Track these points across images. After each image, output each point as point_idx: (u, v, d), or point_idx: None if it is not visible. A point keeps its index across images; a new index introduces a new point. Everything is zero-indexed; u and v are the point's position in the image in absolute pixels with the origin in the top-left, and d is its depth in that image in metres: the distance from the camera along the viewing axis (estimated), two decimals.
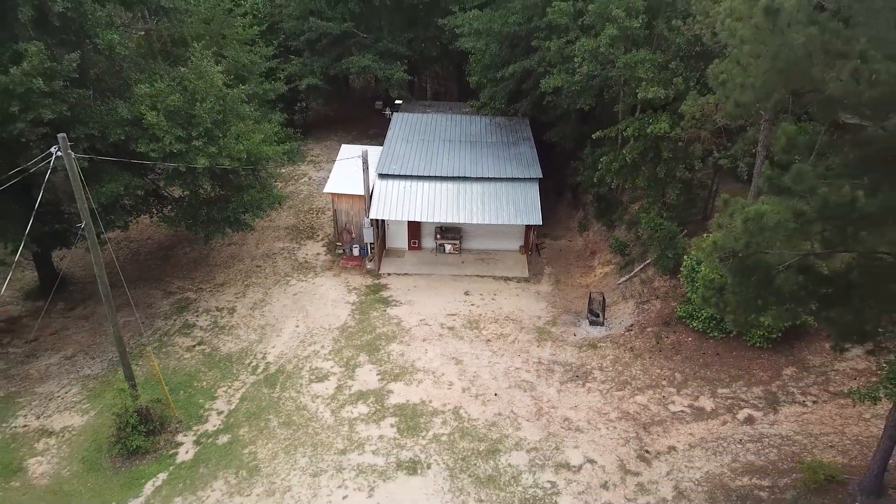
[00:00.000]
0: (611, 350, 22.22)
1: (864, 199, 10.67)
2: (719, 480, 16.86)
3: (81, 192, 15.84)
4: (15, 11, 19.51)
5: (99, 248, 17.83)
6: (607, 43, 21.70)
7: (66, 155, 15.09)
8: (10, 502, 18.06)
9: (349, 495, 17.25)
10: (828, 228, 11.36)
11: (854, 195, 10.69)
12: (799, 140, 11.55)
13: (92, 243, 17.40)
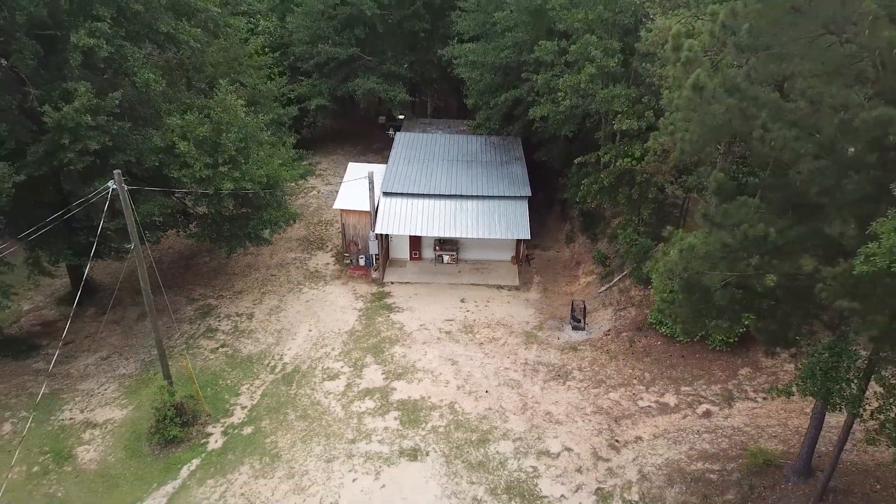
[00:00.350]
0: (589, 352, 24.87)
1: (775, 234, 13.30)
2: (677, 465, 19.48)
3: (132, 218, 18.49)
4: (66, 56, 22.20)
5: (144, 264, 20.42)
6: (587, 79, 24.34)
7: (121, 188, 17.73)
8: (64, 484, 20.72)
9: (358, 478, 19.88)
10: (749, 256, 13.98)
11: (767, 231, 13.31)
12: (726, 186, 14.19)
13: (139, 262, 20.04)
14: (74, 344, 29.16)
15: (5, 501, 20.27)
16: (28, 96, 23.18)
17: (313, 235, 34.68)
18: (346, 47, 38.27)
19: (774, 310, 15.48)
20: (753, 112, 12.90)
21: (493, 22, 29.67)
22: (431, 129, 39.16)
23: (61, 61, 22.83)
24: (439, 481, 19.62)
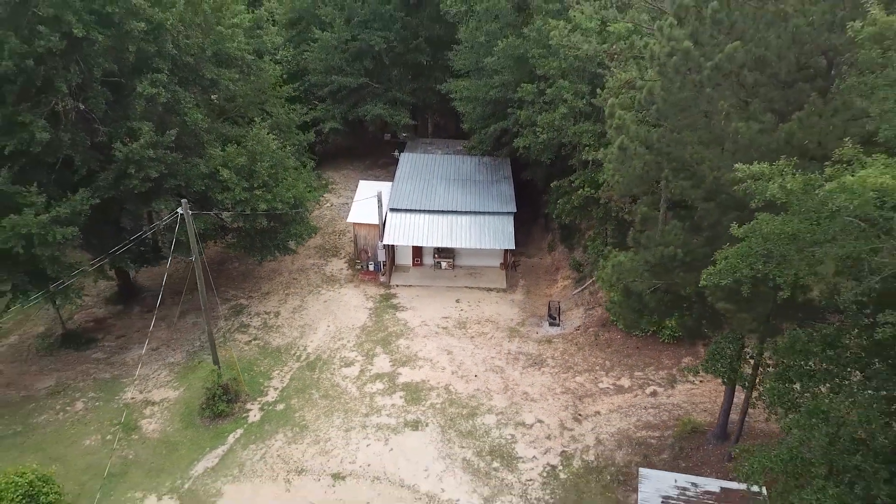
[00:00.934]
0: (562, 344, 29.55)
1: (682, 254, 17.94)
2: (626, 433, 24.15)
3: (195, 237, 23.19)
4: (131, 101, 26.92)
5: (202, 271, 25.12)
6: (560, 117, 29.00)
7: (187, 214, 22.44)
8: (134, 448, 25.41)
9: (371, 444, 24.56)
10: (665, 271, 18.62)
11: (676, 252, 17.97)
12: (649, 216, 18.87)
13: (198, 271, 24.72)
14: (126, 337, 33.96)
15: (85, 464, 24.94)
16: (98, 133, 27.92)
17: (328, 244, 39.38)
18: (357, 77, 42.94)
19: (691, 310, 20.16)
20: (663, 165, 17.61)
21: (482, 65, 34.37)
22: (432, 148, 43.87)
23: (126, 105, 27.56)
24: (436, 446, 24.30)
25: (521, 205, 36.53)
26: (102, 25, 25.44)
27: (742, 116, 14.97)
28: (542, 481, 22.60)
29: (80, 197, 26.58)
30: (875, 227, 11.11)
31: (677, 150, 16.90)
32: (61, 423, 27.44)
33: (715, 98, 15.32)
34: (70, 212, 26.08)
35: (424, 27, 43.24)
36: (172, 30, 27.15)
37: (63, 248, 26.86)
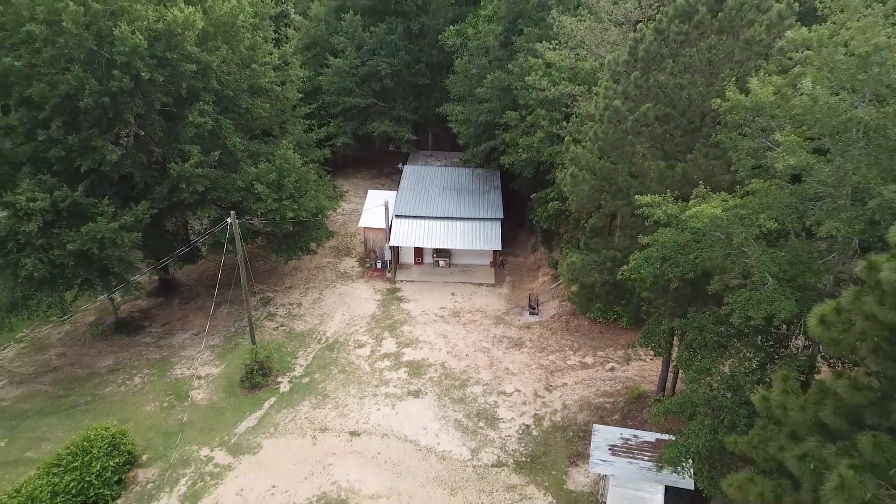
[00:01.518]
0: (538, 330, 34.94)
1: (620, 255, 23.27)
2: (587, 400, 29.53)
3: (240, 241, 28.57)
4: (182, 128, 32.31)
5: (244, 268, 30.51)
6: (538, 141, 34.33)
7: (234, 223, 27.82)
8: (187, 413, 30.81)
9: (381, 409, 29.93)
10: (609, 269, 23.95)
11: (615, 253, 23.33)
12: (596, 226, 24.23)
13: (242, 270, 30.11)
14: (170, 325, 39.39)
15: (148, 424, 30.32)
16: (154, 154, 33.37)
17: (341, 245, 44.78)
18: (365, 97, 48.30)
19: (630, 299, 25.52)
20: (604, 189, 22.98)
21: (474, 93, 39.72)
22: (432, 160, 49.23)
23: (178, 131, 32.95)
24: (433, 410, 29.69)
25: (509, 211, 41.88)
26: (161, 67, 30.83)
27: (654, 157, 20.35)
28: (518, 437, 28.00)
29: (142, 207, 32.02)
30: (725, 240, 16.49)
31: (613, 178, 22.26)
32: (124, 394, 32.89)
33: (635, 142, 20.68)
34: (134, 219, 31.54)
35: (425, 53, 48.60)
36: (217, 69, 32.53)
37: (128, 250, 32.27)
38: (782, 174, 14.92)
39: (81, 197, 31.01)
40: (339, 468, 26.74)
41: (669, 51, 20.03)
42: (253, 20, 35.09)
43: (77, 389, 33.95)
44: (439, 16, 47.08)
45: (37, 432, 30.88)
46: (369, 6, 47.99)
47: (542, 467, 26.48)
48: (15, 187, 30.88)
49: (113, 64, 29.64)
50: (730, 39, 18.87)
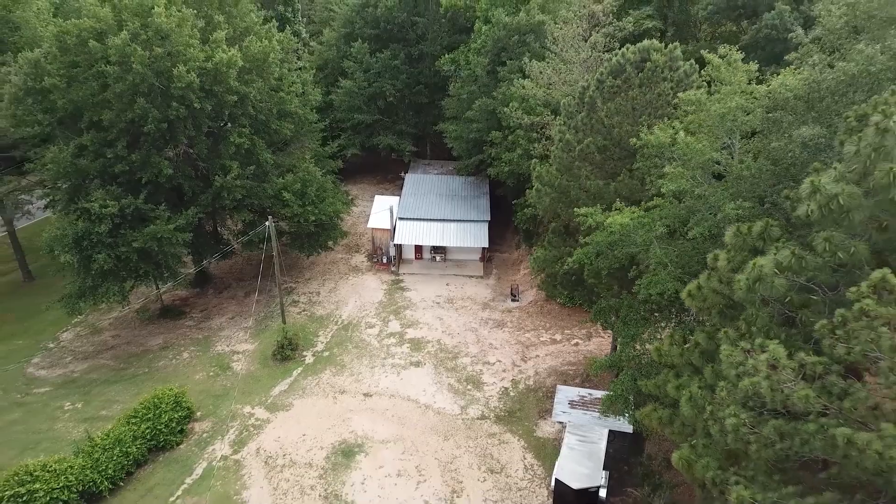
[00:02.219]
0: (518, 313, 41.45)
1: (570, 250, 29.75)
2: (554, 368, 36.04)
3: (276, 240, 35.02)
4: (224, 147, 38.72)
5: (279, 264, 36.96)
6: (517, 157, 40.74)
7: (272, 228, 34.27)
8: (229, 381, 37.26)
9: (388, 376, 36.39)
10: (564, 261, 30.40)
11: (568, 250, 29.78)
12: (556, 229, 30.67)
13: (276, 266, 36.57)
14: (207, 311, 45.82)
15: (198, 389, 36.73)
16: (199, 168, 39.78)
17: (352, 243, 51.25)
18: (372, 114, 54.68)
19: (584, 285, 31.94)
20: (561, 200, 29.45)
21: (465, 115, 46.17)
22: (430, 169, 55.66)
23: (220, 149, 39.34)
24: (431, 377, 36.17)
25: (496, 213, 48.31)
26: (209, 98, 37.22)
27: (595, 177, 26.84)
28: (498, 397, 34.53)
29: (191, 212, 38.46)
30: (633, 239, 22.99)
31: (567, 192, 28.72)
32: (175, 367, 39.36)
33: (582, 166, 27.16)
34: (185, 222, 37.98)
35: (424, 76, 54.97)
36: (252, 99, 38.93)
37: (179, 248, 38.70)
38: (668, 195, 21.38)
39: (142, 204, 37.45)
40: (355, 421, 33.25)
41: (606, 98, 26.50)
42: (280, 55, 41.48)
43: (135, 363, 40.45)
44: (436, 43, 53.44)
45: (107, 396, 37.37)
46: (374, 34, 54.31)
47: (517, 420, 33.02)
48: (87, 196, 37.34)
49: (171, 96, 36.04)
50: (647, 92, 25.33)
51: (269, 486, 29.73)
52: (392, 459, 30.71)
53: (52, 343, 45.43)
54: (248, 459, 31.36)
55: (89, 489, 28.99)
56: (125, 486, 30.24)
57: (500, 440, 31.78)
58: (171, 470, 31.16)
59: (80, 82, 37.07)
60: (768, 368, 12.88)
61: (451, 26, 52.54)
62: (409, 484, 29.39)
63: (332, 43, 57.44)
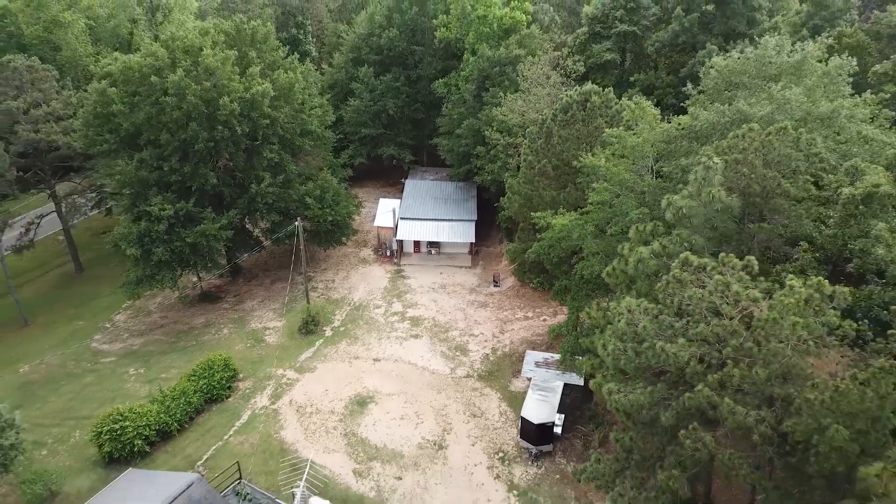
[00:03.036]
0: (498, 296, 49.56)
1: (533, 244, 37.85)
2: (526, 338, 44.15)
3: (301, 236, 43.03)
4: (257, 160, 46.71)
5: (305, 257, 45.03)
6: (498, 168, 48.73)
7: (299, 227, 42.28)
8: (263, 351, 45.27)
9: (392, 345, 44.42)
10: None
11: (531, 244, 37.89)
12: (525, 227, 38.74)
13: (304, 255, 44.62)
14: (240, 296, 53.84)
15: (239, 357, 44.73)
16: (237, 177, 47.75)
17: (360, 239, 59.28)
18: (376, 128, 62.58)
19: (546, 271, 40.01)
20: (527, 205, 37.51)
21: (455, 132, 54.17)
22: (426, 175, 63.63)
23: (254, 162, 47.30)
24: (427, 346, 44.22)
25: (482, 214, 56.30)
26: (246, 121, 45.16)
27: (551, 189, 34.92)
28: (480, 361, 42.61)
29: (231, 213, 46.44)
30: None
31: (531, 200, 36.77)
32: (218, 340, 47.34)
33: (540, 180, 35.22)
34: (227, 222, 45.96)
35: (421, 95, 62.86)
36: (281, 122, 46.88)
37: (222, 243, 46.66)
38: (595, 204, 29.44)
39: (192, 207, 45.42)
40: (367, 379, 41.31)
41: (559, 128, 34.56)
42: (302, 84, 49.43)
43: (183, 338, 48.48)
44: (431, 68, 61.34)
45: (164, 363, 45.37)
46: (378, 59, 62.11)
47: (495, 377, 41.14)
48: (147, 201, 45.29)
49: (216, 120, 43.98)
50: (587, 126, 33.39)
51: (301, 427, 37.81)
52: (396, 407, 38.81)
53: (108, 324, 53.43)
54: (283, 408, 39.43)
55: (163, 428, 37.02)
56: (188, 428, 38.27)
57: (481, 393, 39.90)
58: (223, 416, 39.21)
59: (140, 108, 44.98)
60: (627, 313, 20.95)
61: (444, 53, 60.42)
62: (410, 425, 37.49)
63: (341, 65, 65.28)
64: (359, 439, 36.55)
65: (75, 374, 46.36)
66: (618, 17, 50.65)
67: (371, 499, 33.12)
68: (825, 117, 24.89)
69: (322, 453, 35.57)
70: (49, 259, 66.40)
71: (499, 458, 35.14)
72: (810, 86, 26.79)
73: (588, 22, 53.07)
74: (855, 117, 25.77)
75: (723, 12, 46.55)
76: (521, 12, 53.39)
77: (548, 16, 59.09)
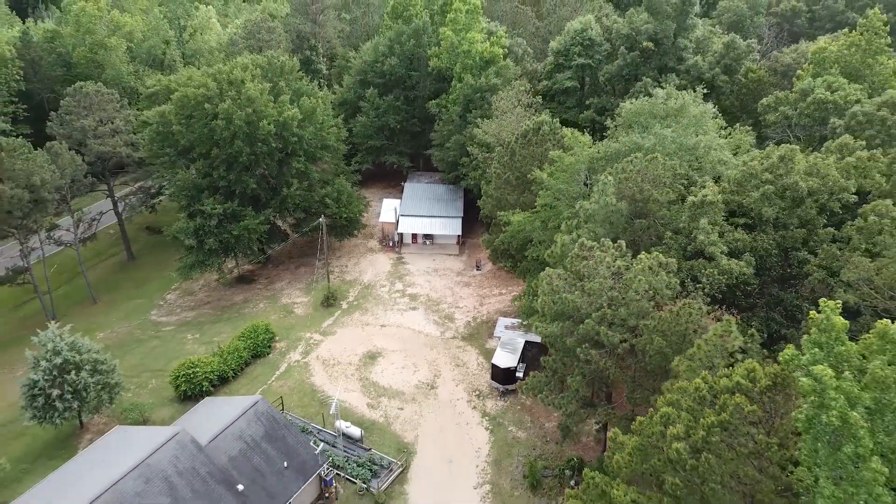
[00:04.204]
0: (480, 278, 60.73)
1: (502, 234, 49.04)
2: (500, 309, 55.27)
3: (324, 230, 54.11)
4: (288, 169, 57.77)
5: (326, 246, 56.21)
6: (479, 175, 59.75)
7: (323, 224, 53.32)
8: (291, 320, 56.38)
9: (395, 315, 55.47)
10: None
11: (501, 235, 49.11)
12: (496, 223, 49.89)
13: (325, 245, 55.80)
14: (270, 278, 64.97)
15: (275, 324, 55.85)
16: (270, 182, 58.78)
17: (368, 232, 70.26)
18: (380, 140, 73.44)
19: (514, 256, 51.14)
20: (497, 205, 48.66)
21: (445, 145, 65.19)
22: (422, 179, 74.64)
23: (284, 170, 58.31)
24: (422, 315, 55.31)
25: (468, 211, 67.40)
26: (279, 139, 56.14)
27: (514, 193, 46.05)
28: (464, 326, 53.76)
29: (267, 212, 57.50)
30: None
31: (500, 201, 47.86)
32: (256, 312, 58.42)
33: (506, 186, 46.31)
34: (264, 219, 57.03)
35: (417, 112, 73.70)
36: (306, 139, 57.85)
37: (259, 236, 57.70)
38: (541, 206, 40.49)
39: (236, 207, 56.46)
40: (376, 340, 52.44)
41: (519, 148, 45.60)
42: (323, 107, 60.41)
43: (227, 311, 59.61)
44: (425, 90, 72.20)
45: (215, 330, 56.48)
46: (381, 82, 72.86)
47: (474, 338, 52.33)
48: (199, 202, 56.28)
49: (256, 139, 54.94)
50: (539, 147, 44.43)
51: (326, 375, 48.99)
52: (398, 360, 49.97)
53: (161, 301, 64.54)
54: (312, 361, 50.60)
55: (222, 375, 48.14)
56: (240, 375, 49.38)
57: (463, 350, 51.10)
58: (266, 368, 50.35)
59: (194, 128, 55.93)
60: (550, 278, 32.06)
61: (436, 78, 71.22)
62: (409, 372, 48.68)
63: (350, 86, 76.06)
64: (370, 382, 47.76)
65: (142, 340, 57.51)
66: (576, 52, 61.56)
67: (380, 423, 44.30)
68: (690, 148, 35.89)
69: (343, 392, 46.77)
70: (104, 249, 77.30)
71: (475, 395, 46.34)
72: (685, 124, 37.72)
73: (553, 55, 63.97)
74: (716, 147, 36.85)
75: (657, 51, 57.51)
76: (499, 47, 64.30)
77: (521, 48, 69.95)
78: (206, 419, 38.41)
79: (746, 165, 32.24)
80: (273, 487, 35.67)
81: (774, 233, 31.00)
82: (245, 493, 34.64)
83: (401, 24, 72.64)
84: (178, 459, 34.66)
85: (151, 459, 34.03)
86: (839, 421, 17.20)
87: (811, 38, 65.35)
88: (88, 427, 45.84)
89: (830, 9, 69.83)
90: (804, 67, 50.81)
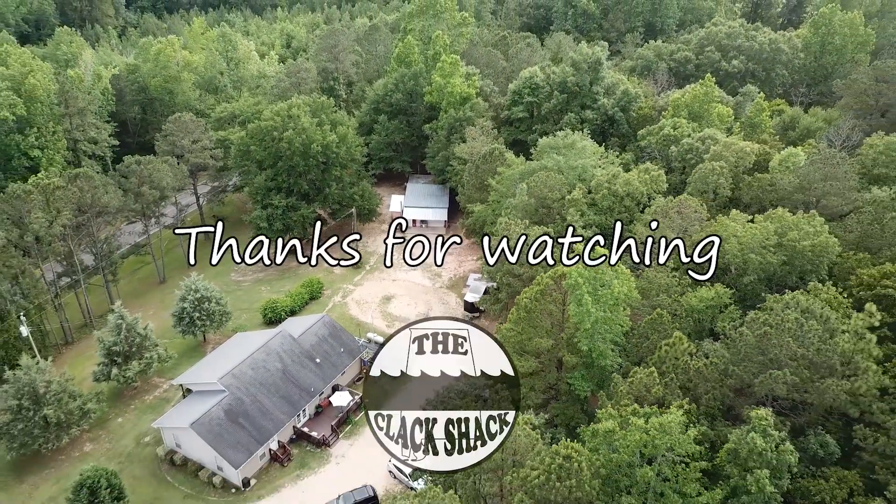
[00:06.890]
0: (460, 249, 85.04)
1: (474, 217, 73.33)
2: (472, 268, 79.52)
3: (355, 218, 78.19)
4: (329, 175, 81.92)
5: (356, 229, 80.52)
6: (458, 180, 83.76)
7: (354, 212, 77.39)
8: (332, 277, 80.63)
9: (402, 274, 79.59)
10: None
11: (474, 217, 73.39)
12: (470, 212, 74.05)
13: (356, 228, 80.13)
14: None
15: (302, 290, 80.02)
16: (316, 184, 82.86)
17: (381, 219, 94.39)
18: (389, 152, 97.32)
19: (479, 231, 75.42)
20: (469, 200, 72.98)
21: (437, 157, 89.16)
22: (420, 180, 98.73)
23: (326, 176, 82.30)
24: (420, 273, 79.24)
25: (452, 203, 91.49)
26: (323, 155, 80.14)
27: (481, 191, 70.36)
28: (447, 280, 77.99)
29: (315, 205, 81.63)
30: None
31: (471, 197, 72.05)
32: (307, 273, 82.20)
33: (472, 189, 70.53)
34: (312, 210, 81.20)
35: (416, 132, 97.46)
36: (341, 154, 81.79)
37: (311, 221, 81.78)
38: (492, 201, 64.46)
39: (294, 201, 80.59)
40: (389, 289, 76.76)
41: (481, 164, 69.80)
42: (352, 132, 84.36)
43: (286, 273, 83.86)
44: (422, 116, 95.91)
45: (280, 284, 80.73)
46: (389, 110, 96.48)
47: (454, 288, 76.69)
48: (269, 198, 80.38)
49: (308, 155, 78.90)
50: (493, 164, 68.55)
51: (358, 308, 73.39)
52: (405, 300, 74.30)
53: (235, 268, 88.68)
54: (349, 301, 74.99)
55: (292, 309, 72.46)
56: (303, 310, 73.66)
57: (447, 294, 75.47)
58: (319, 305, 74.64)
59: (266, 149, 79.92)
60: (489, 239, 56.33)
61: (429, 108, 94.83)
62: (412, 308, 73.01)
63: (366, 112, 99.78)
64: (387, 313, 72.17)
65: (229, 291, 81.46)
66: (526, 92, 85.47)
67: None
68: (574, 167, 59.86)
69: (370, 319, 71.14)
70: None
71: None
72: (574, 153, 61.53)
73: (511, 93, 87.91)
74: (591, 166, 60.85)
75: (579, 94, 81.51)
76: (472, 88, 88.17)
77: (488, 87, 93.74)
78: (294, 326, 62.89)
79: (597, 179, 56.53)
80: (335, 361, 60.26)
81: (610, 215, 55.39)
82: (321, 364, 59.21)
83: (403, 69, 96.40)
84: (282, 345, 59.09)
85: (269, 344, 58.47)
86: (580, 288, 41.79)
87: (697, 79, 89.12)
88: (209, 341, 70.14)
89: (710, 58, 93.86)
90: (668, 109, 74.96)
